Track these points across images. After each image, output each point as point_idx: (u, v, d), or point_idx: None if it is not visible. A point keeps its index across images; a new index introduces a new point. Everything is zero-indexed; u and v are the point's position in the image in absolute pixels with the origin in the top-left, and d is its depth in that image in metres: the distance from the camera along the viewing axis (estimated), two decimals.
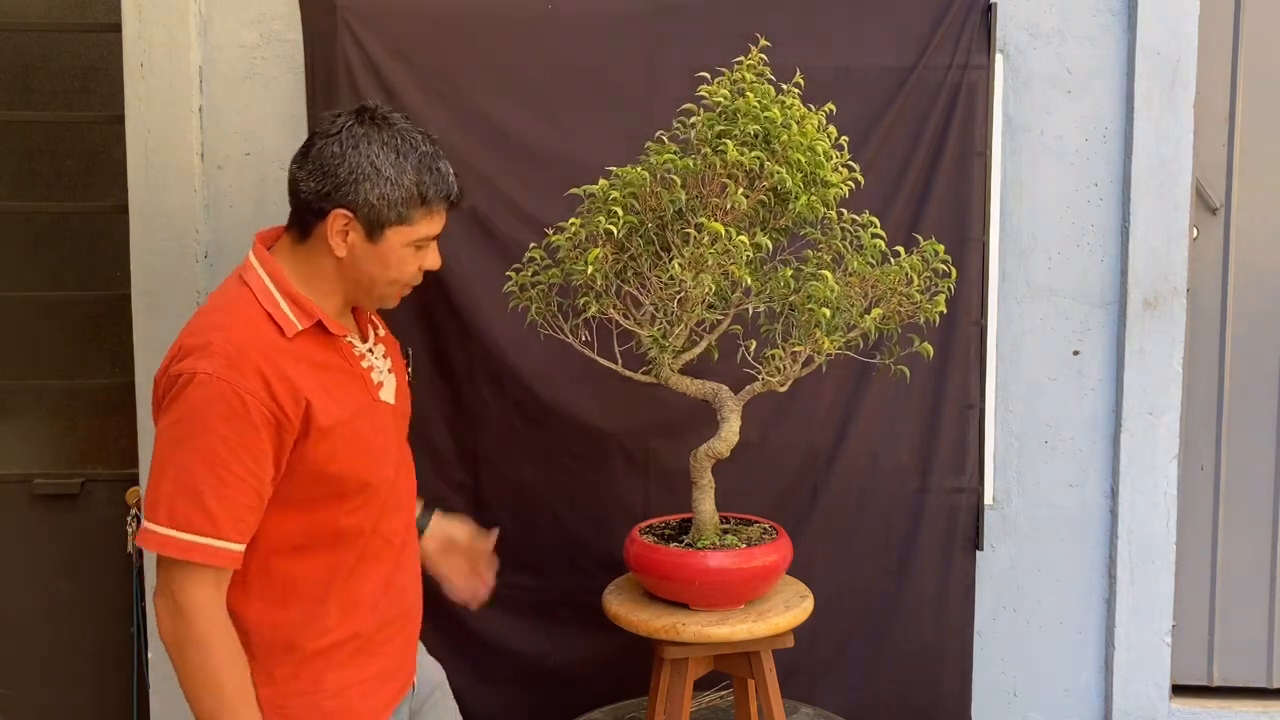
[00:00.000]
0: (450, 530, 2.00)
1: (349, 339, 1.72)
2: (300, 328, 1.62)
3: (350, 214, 1.62)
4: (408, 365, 1.90)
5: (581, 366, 2.06)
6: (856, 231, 1.98)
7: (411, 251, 1.68)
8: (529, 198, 2.50)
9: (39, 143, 2.85)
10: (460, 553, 2.00)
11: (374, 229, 1.63)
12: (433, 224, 1.68)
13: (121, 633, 2.89)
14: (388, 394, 1.77)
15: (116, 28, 2.67)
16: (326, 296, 1.68)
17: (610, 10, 2.51)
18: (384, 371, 1.78)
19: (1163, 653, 2.72)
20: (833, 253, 1.97)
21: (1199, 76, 2.65)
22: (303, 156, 1.65)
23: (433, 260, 1.73)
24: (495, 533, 2.01)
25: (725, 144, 1.81)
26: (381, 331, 1.85)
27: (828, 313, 1.84)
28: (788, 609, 2.01)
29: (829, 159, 1.91)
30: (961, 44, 2.54)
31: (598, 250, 1.84)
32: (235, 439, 1.52)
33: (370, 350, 1.77)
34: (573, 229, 1.91)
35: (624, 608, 2.03)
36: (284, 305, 1.63)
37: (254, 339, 1.57)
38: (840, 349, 1.92)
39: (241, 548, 1.56)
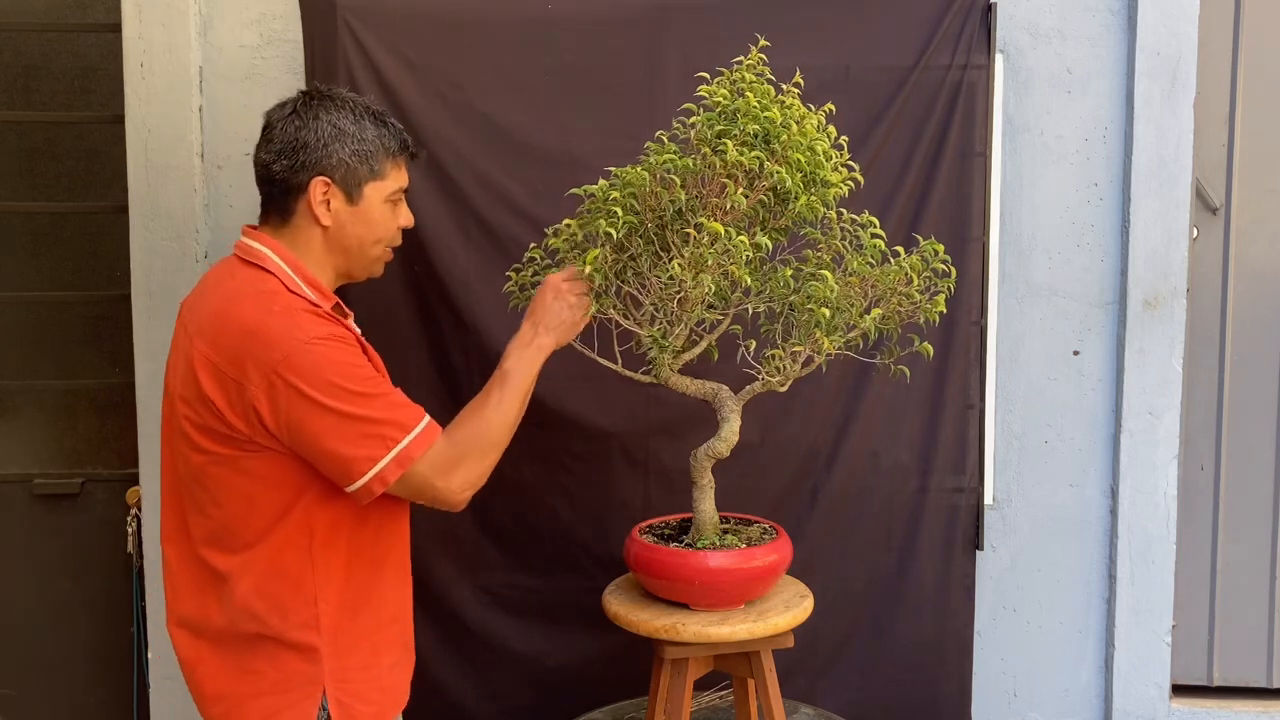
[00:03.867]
0: None
1: (350, 322, 1.80)
2: (324, 307, 1.70)
3: (329, 180, 1.69)
4: None
5: (581, 366, 2.06)
6: (856, 231, 1.97)
7: (389, 208, 1.77)
8: (529, 198, 2.50)
9: (39, 143, 2.86)
10: None
11: (353, 189, 1.72)
12: (400, 176, 1.78)
13: (121, 633, 2.89)
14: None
15: (116, 28, 2.67)
16: (319, 275, 1.74)
17: (610, 10, 2.51)
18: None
19: (1163, 653, 2.72)
20: (833, 253, 1.96)
21: (1199, 76, 2.65)
22: (266, 142, 1.72)
23: (406, 217, 1.83)
24: None
25: (725, 144, 1.81)
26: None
27: (827, 313, 1.84)
28: (788, 609, 2.01)
29: (829, 159, 1.91)
30: (961, 44, 2.54)
31: (597, 250, 1.84)
32: (363, 364, 1.65)
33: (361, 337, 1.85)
34: (568, 231, 1.91)
35: (624, 608, 2.03)
36: (304, 287, 1.69)
37: (309, 309, 1.65)
38: (840, 349, 1.92)
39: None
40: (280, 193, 1.71)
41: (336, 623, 1.68)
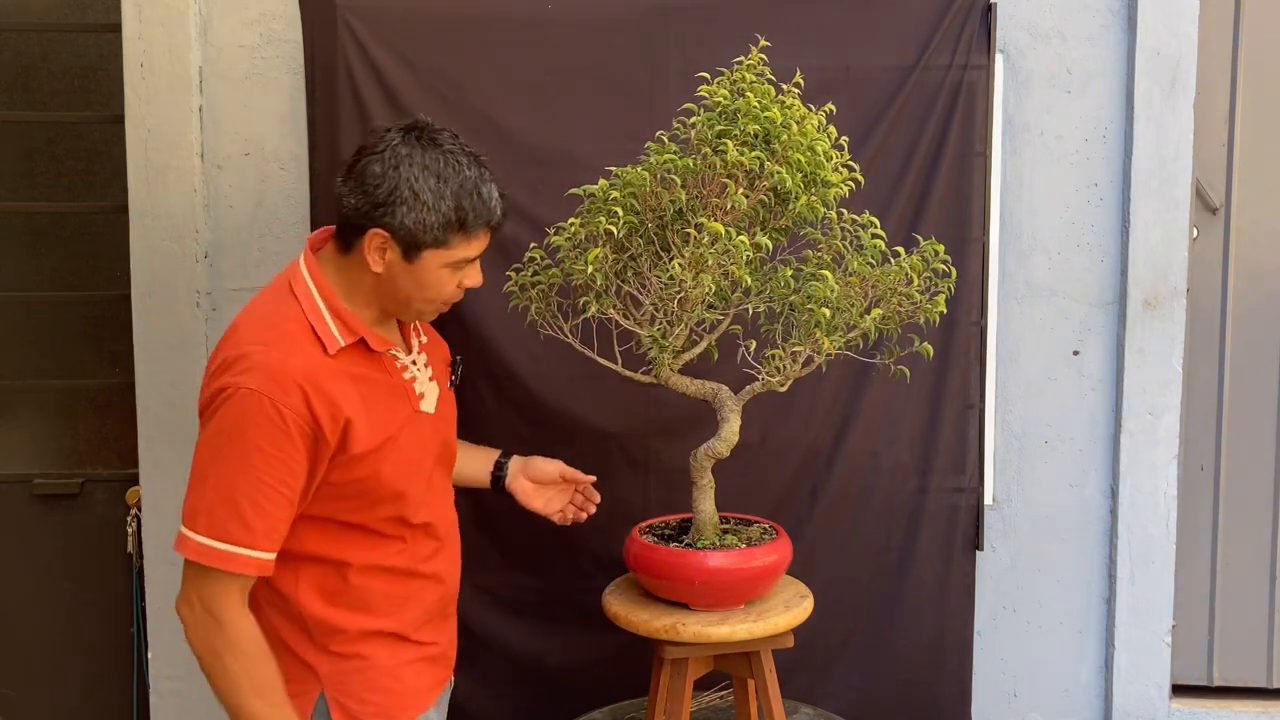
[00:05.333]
0: (539, 469, 2.12)
1: (392, 352, 1.75)
2: (343, 344, 1.65)
3: (387, 234, 1.63)
4: (454, 372, 1.95)
5: (582, 366, 2.06)
6: (856, 231, 1.97)
7: (449, 272, 1.70)
8: (529, 198, 2.49)
9: (39, 143, 2.86)
10: (555, 488, 2.13)
11: (410, 250, 1.65)
12: (471, 248, 1.70)
13: (121, 633, 2.89)
14: (428, 404, 1.81)
15: (116, 28, 2.67)
16: (364, 308, 1.71)
17: (610, 10, 2.51)
18: (425, 381, 1.82)
19: (1163, 653, 2.72)
20: (833, 253, 1.96)
21: (1199, 76, 2.65)
22: (347, 172, 1.66)
23: (473, 279, 1.76)
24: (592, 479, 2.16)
25: (725, 144, 1.81)
26: (424, 339, 1.89)
27: (828, 313, 1.84)
28: (788, 609, 2.01)
29: (829, 159, 1.91)
30: (961, 44, 2.54)
31: (598, 250, 1.84)
32: (273, 452, 1.55)
33: (413, 362, 1.81)
34: (572, 229, 1.91)
35: (624, 608, 2.03)
36: (329, 321, 1.65)
37: (296, 355, 1.60)
38: (840, 349, 1.92)
39: (273, 556, 1.60)
40: (345, 225, 1.67)
41: (322, 631, 1.70)
